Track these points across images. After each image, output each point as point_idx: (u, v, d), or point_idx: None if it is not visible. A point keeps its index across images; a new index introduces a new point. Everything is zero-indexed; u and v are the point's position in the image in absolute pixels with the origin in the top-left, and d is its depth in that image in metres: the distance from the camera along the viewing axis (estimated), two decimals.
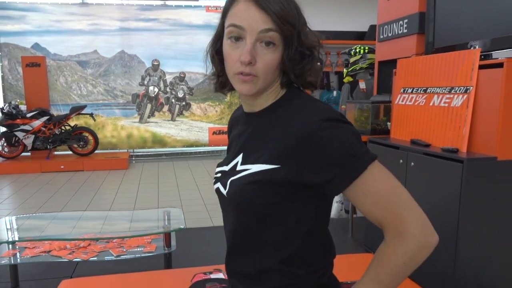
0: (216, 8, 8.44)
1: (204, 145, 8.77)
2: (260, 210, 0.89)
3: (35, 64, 7.60)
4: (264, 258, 0.92)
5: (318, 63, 0.95)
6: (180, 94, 8.61)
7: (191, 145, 8.74)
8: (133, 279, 1.95)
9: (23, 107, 7.41)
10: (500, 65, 2.20)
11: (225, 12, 0.89)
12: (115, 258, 2.49)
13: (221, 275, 1.92)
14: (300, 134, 0.83)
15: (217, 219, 4.41)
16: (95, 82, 8.37)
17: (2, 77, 8.00)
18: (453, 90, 2.50)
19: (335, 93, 6.00)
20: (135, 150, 8.55)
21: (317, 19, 7.31)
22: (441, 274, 2.42)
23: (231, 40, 0.87)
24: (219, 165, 1.04)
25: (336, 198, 4.30)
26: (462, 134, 2.41)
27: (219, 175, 1.01)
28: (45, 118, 7.24)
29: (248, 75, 0.86)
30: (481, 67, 2.34)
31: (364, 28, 8.37)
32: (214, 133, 8.73)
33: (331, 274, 0.99)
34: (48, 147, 7.31)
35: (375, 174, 0.84)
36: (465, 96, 2.40)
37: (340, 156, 0.82)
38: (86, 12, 8.12)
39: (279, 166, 0.85)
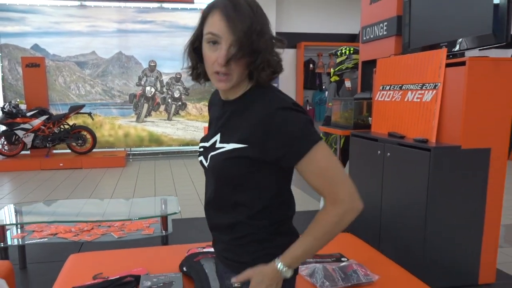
0: None
1: None
2: (233, 179, 1.11)
3: (34, 65, 7.81)
4: (235, 214, 1.14)
5: (275, 58, 1.10)
6: (176, 94, 8.84)
7: (187, 144, 8.97)
8: (135, 253, 2.18)
9: (23, 107, 7.60)
10: (463, 63, 2.46)
11: (203, 18, 1.07)
12: (116, 240, 2.72)
13: (213, 249, 2.15)
14: (261, 120, 1.03)
15: None
16: (93, 82, 8.58)
17: (3, 77, 8.21)
18: (424, 86, 2.75)
19: (327, 93, 6.24)
20: (132, 149, 8.77)
21: (312, 22, 7.66)
22: (412, 253, 2.67)
23: (209, 44, 1.05)
24: (202, 140, 1.24)
25: None
26: (432, 126, 2.66)
27: (202, 149, 1.22)
28: (44, 117, 7.44)
29: (224, 75, 1.05)
30: (448, 65, 2.59)
31: (356, 30, 8.65)
32: None
33: (290, 225, 1.21)
34: (47, 145, 7.51)
35: (318, 153, 1.03)
36: (434, 91, 2.65)
37: (289, 138, 1.02)
38: (85, 14, 8.34)
39: (246, 145, 1.06)
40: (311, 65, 9.19)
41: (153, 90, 8.74)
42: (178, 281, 1.74)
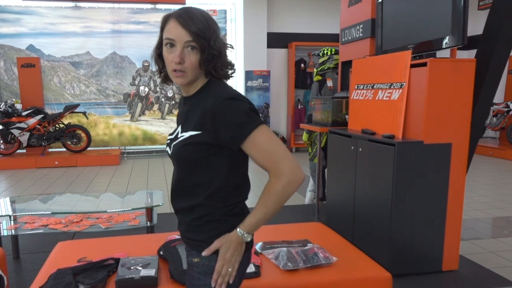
0: None
1: None
2: (191, 163, 1.26)
3: (30, 65, 7.98)
4: (194, 196, 1.29)
5: (229, 60, 1.31)
6: (170, 94, 9.01)
7: None
8: (118, 241, 2.36)
9: (18, 106, 7.75)
10: (425, 64, 2.64)
11: (162, 27, 1.25)
12: (103, 230, 2.90)
13: None
14: (210, 110, 1.19)
15: None
16: (87, 82, 8.75)
17: None
18: (392, 86, 2.94)
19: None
20: (126, 147, 8.94)
21: (302, 23, 7.84)
22: (380, 242, 2.86)
23: (167, 47, 1.22)
24: (169, 135, 1.40)
25: (310, 187, 4.73)
26: (398, 123, 2.85)
27: (168, 141, 1.37)
28: (40, 116, 7.59)
29: (180, 72, 1.22)
30: (413, 66, 2.77)
31: None
32: None
33: (244, 207, 1.35)
34: (43, 144, 7.67)
35: (259, 135, 1.19)
36: (401, 90, 2.84)
37: (234, 123, 1.18)
38: (79, 15, 8.50)
39: (200, 132, 1.21)
40: (302, 65, 9.36)
41: (146, 89, 8.91)
42: (154, 263, 1.92)
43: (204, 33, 1.20)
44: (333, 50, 4.47)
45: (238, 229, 1.24)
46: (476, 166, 7.26)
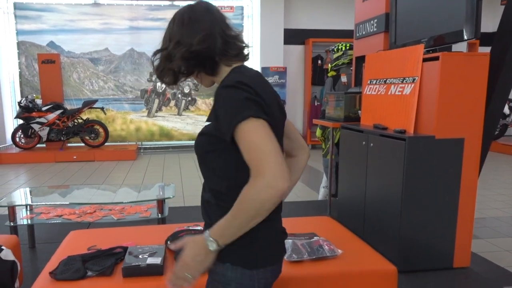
0: (221, 8, 8.79)
1: None
2: (201, 155, 1.21)
3: (50, 61, 8.14)
4: (207, 192, 1.23)
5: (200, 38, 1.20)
6: (186, 90, 9.09)
7: None
8: (128, 231, 2.40)
9: (38, 101, 7.94)
10: (437, 58, 2.61)
11: None
12: (115, 221, 2.96)
13: (199, 228, 2.36)
14: (214, 99, 1.13)
15: None
16: (106, 78, 8.89)
17: (20, 73, 8.58)
18: (405, 80, 2.91)
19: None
20: (143, 143, 9.05)
21: (319, 19, 7.80)
22: (390, 237, 2.83)
23: None
24: None
25: (323, 184, 4.71)
26: (410, 117, 2.82)
27: None
28: (59, 111, 7.75)
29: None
30: (426, 60, 2.74)
31: None
32: None
33: None
34: (62, 138, 7.83)
35: (249, 128, 1.04)
36: (413, 85, 2.81)
37: (226, 111, 1.08)
38: (98, 12, 8.64)
39: (210, 122, 1.16)
40: (319, 61, 9.32)
41: (163, 85, 8.99)
42: (161, 251, 1.95)
43: (163, 47, 1.23)
44: (348, 45, 4.44)
45: (206, 231, 1.06)
46: (496, 165, 7.12)
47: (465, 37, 2.53)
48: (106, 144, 8.21)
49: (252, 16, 9.21)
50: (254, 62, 9.16)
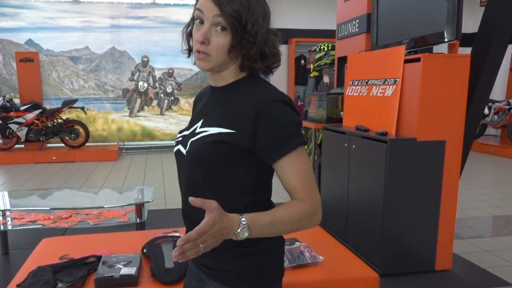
0: None
1: None
2: (212, 166, 1.04)
3: (28, 60, 7.94)
4: (225, 201, 0.99)
5: (272, 50, 1.06)
6: (169, 89, 8.98)
7: None
8: (103, 238, 2.33)
9: (16, 101, 7.75)
10: (419, 59, 2.59)
11: (196, 1, 1.06)
12: (92, 226, 2.87)
13: (177, 234, 2.29)
14: (256, 108, 0.99)
15: None
16: (86, 77, 8.72)
17: None
18: (386, 81, 2.88)
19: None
20: (125, 143, 8.91)
21: (303, 18, 7.76)
22: (372, 240, 2.81)
23: (196, 23, 1.04)
24: (180, 132, 1.18)
25: None
26: (392, 119, 2.79)
27: (180, 138, 1.15)
28: (38, 111, 7.57)
29: (203, 54, 1.02)
30: (407, 61, 2.72)
31: None
32: None
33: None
34: (41, 139, 7.65)
35: (301, 154, 1.02)
36: (394, 86, 2.78)
37: (281, 132, 0.99)
38: (78, 9, 8.46)
39: (233, 131, 1.01)
40: (302, 61, 9.29)
41: (145, 85, 8.87)
42: (136, 260, 1.88)
43: (239, 13, 0.99)
44: (330, 45, 4.42)
45: (241, 217, 0.93)
46: (476, 164, 7.20)
47: (446, 39, 2.51)
48: (86, 144, 8.05)
49: None
50: None
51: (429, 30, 2.66)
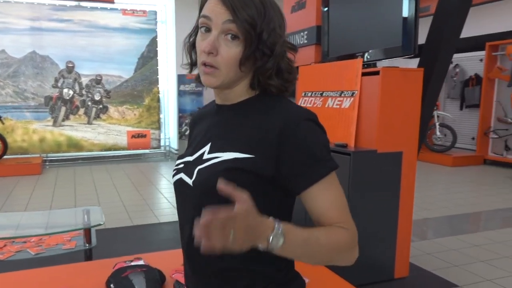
0: (133, 12, 8.45)
1: (123, 149, 8.72)
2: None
3: None
4: (228, 255, 0.79)
5: (287, 65, 0.94)
6: (97, 97, 8.47)
7: (109, 149, 8.63)
8: (55, 272, 2.06)
9: None
10: (377, 73, 2.64)
11: (201, 7, 0.92)
12: (33, 257, 2.55)
13: (141, 262, 2.10)
14: (279, 128, 0.86)
15: (137, 219, 4.52)
16: (3, 83, 7.94)
17: None
18: (343, 93, 2.91)
19: None
20: (48, 155, 8.24)
21: None
22: None
23: (201, 31, 0.90)
24: (180, 157, 1.02)
25: None
26: (350, 131, 2.82)
27: (181, 165, 0.99)
28: None
29: (210, 67, 0.88)
30: (364, 74, 2.76)
31: None
32: (133, 136, 8.71)
33: (295, 272, 1.04)
34: None
35: (334, 181, 0.91)
36: (352, 99, 2.81)
37: (307, 157, 0.87)
38: None
39: (252, 156, 0.87)
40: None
41: (71, 92, 8.30)
42: None
43: (254, 19, 0.85)
44: None
45: (277, 224, 0.78)
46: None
47: (403, 53, 2.58)
48: (5, 157, 7.32)
49: (166, 21, 8.87)
50: (169, 70, 8.84)
51: (386, 44, 2.72)
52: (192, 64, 0.99)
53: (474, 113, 8.61)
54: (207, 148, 0.95)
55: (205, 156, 0.93)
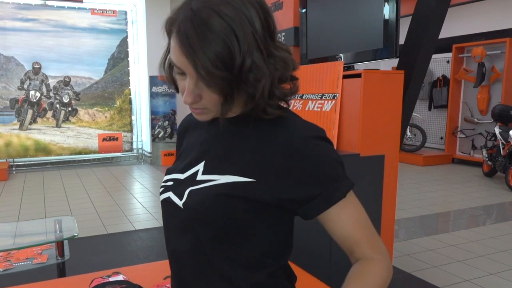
0: (102, 11, 8.20)
1: (94, 152, 8.46)
2: (224, 225, 0.81)
3: None
4: (245, 271, 0.84)
5: (287, 75, 0.86)
6: (66, 99, 8.19)
7: (79, 153, 8.36)
8: None
9: None
10: (359, 75, 2.60)
11: (168, 34, 0.79)
12: (1, 273, 2.40)
13: (120, 277, 2.00)
14: (285, 148, 0.79)
15: (111, 227, 4.37)
16: None
17: None
18: (324, 96, 2.87)
19: None
20: (15, 160, 7.91)
21: None
22: (319, 258, 2.76)
23: (177, 72, 0.80)
24: (170, 171, 0.93)
25: None
26: (332, 135, 2.78)
27: (170, 183, 0.90)
28: None
29: (198, 109, 0.81)
30: (345, 76, 2.72)
31: None
32: (104, 139, 8.46)
33: None
34: None
35: (354, 199, 0.84)
36: (333, 102, 2.78)
37: (323, 178, 0.80)
38: None
39: (254, 180, 0.79)
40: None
41: (38, 94, 7.99)
42: None
43: (221, 58, 0.70)
44: None
45: None
46: None
47: (384, 56, 2.56)
48: None
49: (137, 21, 8.67)
50: (140, 71, 8.64)
51: (366, 47, 2.69)
52: (176, 86, 0.87)
53: (442, 114, 8.80)
54: (200, 167, 0.86)
55: (199, 177, 0.85)
